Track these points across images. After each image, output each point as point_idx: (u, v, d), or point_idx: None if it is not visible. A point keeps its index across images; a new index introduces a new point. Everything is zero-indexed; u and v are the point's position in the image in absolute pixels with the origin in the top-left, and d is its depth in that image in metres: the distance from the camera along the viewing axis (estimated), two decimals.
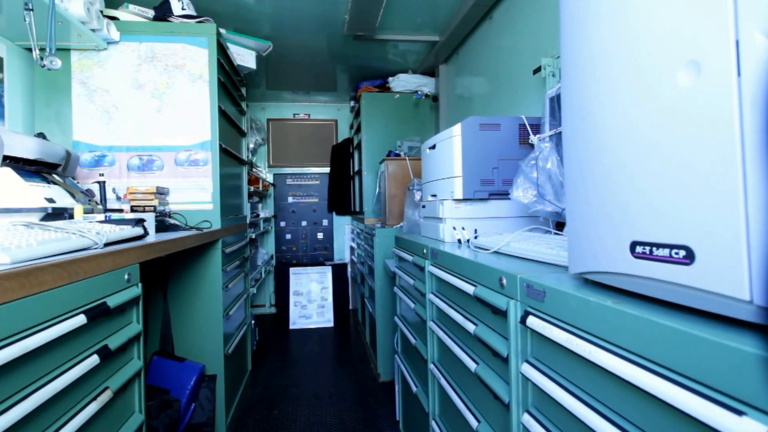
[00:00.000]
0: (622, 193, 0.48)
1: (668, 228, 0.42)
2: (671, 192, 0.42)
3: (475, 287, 0.89)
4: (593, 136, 0.53)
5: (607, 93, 0.51)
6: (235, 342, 1.99)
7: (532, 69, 1.67)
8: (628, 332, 0.46)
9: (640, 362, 0.43)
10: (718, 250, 0.37)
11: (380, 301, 2.37)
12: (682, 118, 0.40)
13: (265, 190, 3.48)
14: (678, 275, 0.41)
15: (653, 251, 0.44)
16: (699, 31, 0.39)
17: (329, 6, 2.10)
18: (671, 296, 0.44)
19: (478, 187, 1.29)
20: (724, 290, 0.37)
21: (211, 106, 1.70)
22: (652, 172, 0.44)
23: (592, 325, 0.52)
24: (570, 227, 0.61)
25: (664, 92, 0.42)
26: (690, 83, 0.39)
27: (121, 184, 1.62)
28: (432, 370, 1.24)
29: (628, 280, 0.49)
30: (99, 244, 0.85)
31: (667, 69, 0.42)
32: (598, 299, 0.51)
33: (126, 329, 0.91)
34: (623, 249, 0.48)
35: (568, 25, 0.59)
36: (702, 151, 0.38)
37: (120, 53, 1.64)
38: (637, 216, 0.46)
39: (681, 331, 0.39)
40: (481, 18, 2.17)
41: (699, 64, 0.39)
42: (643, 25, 0.45)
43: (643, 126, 0.45)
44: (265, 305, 3.94)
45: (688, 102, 0.39)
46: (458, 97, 2.62)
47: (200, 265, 1.73)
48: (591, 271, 0.56)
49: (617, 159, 0.49)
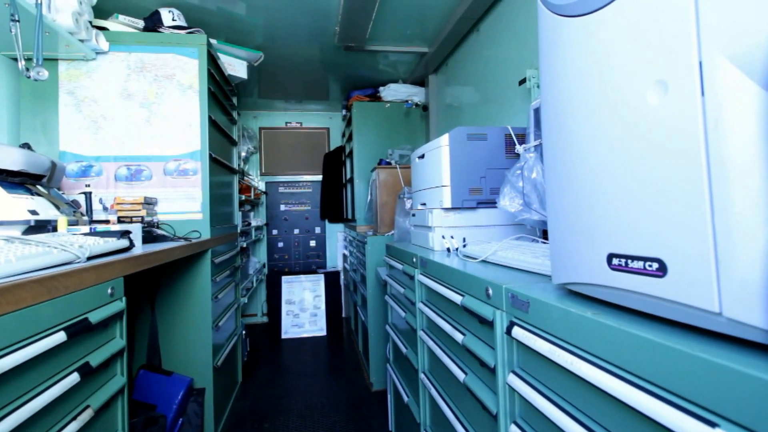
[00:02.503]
0: (598, 206, 0.49)
1: (642, 241, 0.43)
2: (644, 206, 0.43)
3: (462, 297, 0.90)
4: (570, 152, 0.54)
5: (581, 110, 0.52)
6: (224, 353, 1.96)
7: (518, 80, 1.69)
8: (607, 343, 0.46)
9: (619, 373, 0.44)
10: (689, 264, 0.38)
11: (372, 310, 2.36)
12: (651, 136, 0.41)
13: (257, 198, 3.47)
14: (652, 287, 0.42)
15: (629, 263, 0.44)
16: (666, 52, 0.40)
17: (320, 18, 2.12)
18: (647, 307, 0.45)
19: (466, 196, 1.30)
20: (695, 302, 0.37)
21: (201, 115, 1.70)
22: (625, 187, 0.45)
23: (573, 336, 0.53)
24: (552, 239, 0.62)
25: (634, 110, 0.43)
26: (658, 102, 0.41)
27: (109, 195, 1.61)
28: (422, 380, 1.24)
29: (606, 291, 0.50)
30: (82, 257, 0.84)
31: (636, 88, 0.43)
32: (578, 310, 0.52)
33: (109, 345, 0.90)
34: (601, 261, 0.49)
35: (545, 43, 0.61)
36: (670, 167, 0.39)
37: (109, 63, 1.64)
38: (612, 229, 0.47)
39: (655, 342, 0.40)
40: (468, 30, 2.20)
41: (666, 84, 0.40)
42: (614, 46, 0.47)
43: (615, 142, 0.46)
44: (256, 315, 3.90)
45: (657, 120, 0.41)
46: (448, 107, 2.65)
47: (189, 275, 1.71)
48: (572, 282, 0.57)
49: (592, 173, 0.50)
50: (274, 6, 2.00)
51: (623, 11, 0.45)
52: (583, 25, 0.52)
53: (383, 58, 2.72)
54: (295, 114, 4.03)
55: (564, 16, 0.56)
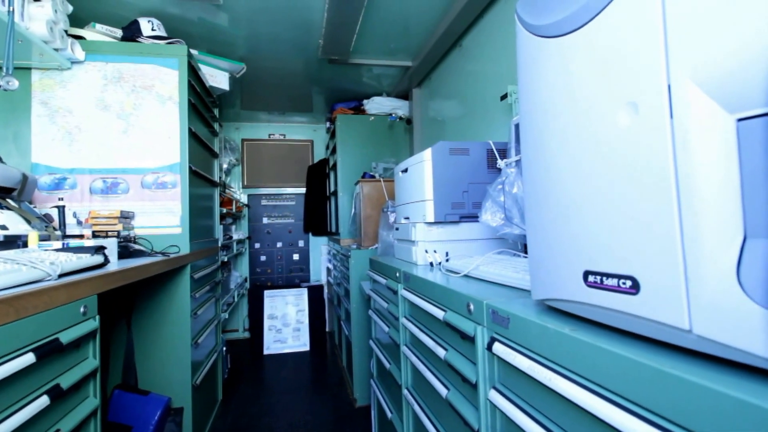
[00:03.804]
0: (574, 224, 0.50)
1: (616, 259, 0.44)
2: (617, 225, 0.44)
3: (445, 312, 0.90)
4: (546, 169, 0.55)
5: (556, 129, 0.54)
6: (204, 371, 1.90)
7: (499, 95, 1.74)
8: (583, 359, 0.47)
9: (595, 389, 0.45)
10: (660, 282, 0.39)
11: (356, 324, 2.34)
12: (623, 156, 0.43)
13: (238, 211, 3.41)
14: (626, 304, 0.43)
15: (604, 281, 0.46)
16: (637, 74, 0.42)
17: (304, 30, 2.14)
18: (622, 324, 0.46)
19: (448, 210, 1.32)
20: (667, 319, 0.39)
21: (181, 127, 1.68)
22: (599, 205, 0.46)
23: (551, 352, 0.53)
24: (531, 255, 0.63)
25: (606, 131, 0.45)
26: (629, 123, 0.42)
27: (83, 208, 1.56)
28: (406, 396, 1.22)
29: (583, 307, 0.51)
30: (53, 275, 0.81)
31: (608, 109, 0.45)
32: (556, 326, 0.53)
33: (81, 365, 0.86)
34: (577, 278, 0.50)
35: (523, 63, 0.63)
36: (641, 187, 0.41)
37: (85, 73, 1.60)
38: (588, 246, 0.48)
39: (628, 358, 0.41)
40: (451, 45, 2.26)
41: (637, 106, 0.42)
42: (588, 67, 0.49)
43: (588, 161, 0.48)
44: (238, 330, 3.80)
45: (628, 141, 0.42)
46: (431, 120, 2.69)
47: (167, 291, 1.66)
48: (551, 298, 0.58)
49: (567, 191, 0.51)
50: (257, 18, 2.00)
51: (596, 34, 0.47)
52: (559, 46, 0.54)
53: (367, 72, 2.75)
54: (279, 126, 4.01)
55: (541, 36, 0.58)
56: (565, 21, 0.51)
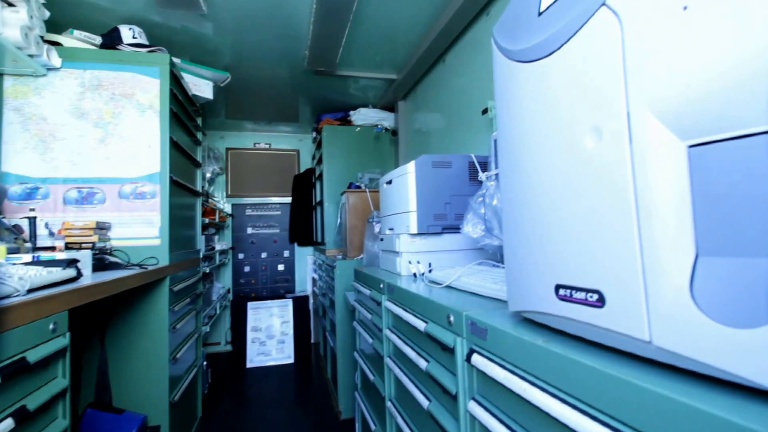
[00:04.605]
0: (546, 239, 0.52)
1: (584, 273, 0.46)
2: (584, 241, 0.46)
3: (426, 323, 0.90)
4: (520, 186, 0.57)
5: (529, 149, 0.56)
6: (183, 387, 1.85)
7: (481, 109, 1.78)
8: (556, 370, 0.48)
9: (568, 399, 0.46)
10: (623, 296, 0.41)
11: (341, 335, 2.32)
12: (588, 177, 0.45)
13: (222, 221, 3.37)
14: (593, 317, 0.45)
15: (573, 294, 0.47)
16: (601, 100, 0.45)
17: (290, 41, 2.15)
18: (591, 335, 0.47)
19: (431, 221, 1.33)
20: (630, 331, 0.40)
21: (162, 137, 1.65)
22: (568, 222, 0.48)
23: (527, 363, 0.54)
24: (507, 267, 0.64)
25: (573, 152, 0.47)
26: (594, 146, 0.45)
27: (56, 219, 1.51)
28: (389, 408, 1.22)
29: (555, 319, 0.52)
30: (21, 291, 0.78)
31: (576, 132, 0.47)
32: (531, 338, 0.54)
33: (49, 385, 0.83)
34: (549, 291, 0.51)
35: (499, 85, 0.65)
36: (604, 207, 0.43)
37: (61, 80, 1.57)
38: (559, 261, 0.50)
39: (596, 369, 0.42)
40: (435, 60, 2.31)
41: (601, 130, 0.44)
42: (557, 92, 0.51)
43: (558, 180, 0.49)
44: (220, 343, 3.71)
45: (593, 163, 0.44)
46: (416, 132, 2.73)
47: (144, 305, 1.62)
48: (526, 310, 0.59)
49: (540, 208, 0.53)
50: (242, 28, 2.01)
51: (564, 61, 0.50)
52: (531, 71, 0.56)
53: (353, 83, 2.78)
54: (264, 135, 4.00)
55: (515, 61, 0.60)
56: (537, 47, 0.54)
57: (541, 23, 0.53)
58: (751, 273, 0.33)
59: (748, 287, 0.33)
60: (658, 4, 0.38)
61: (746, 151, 0.34)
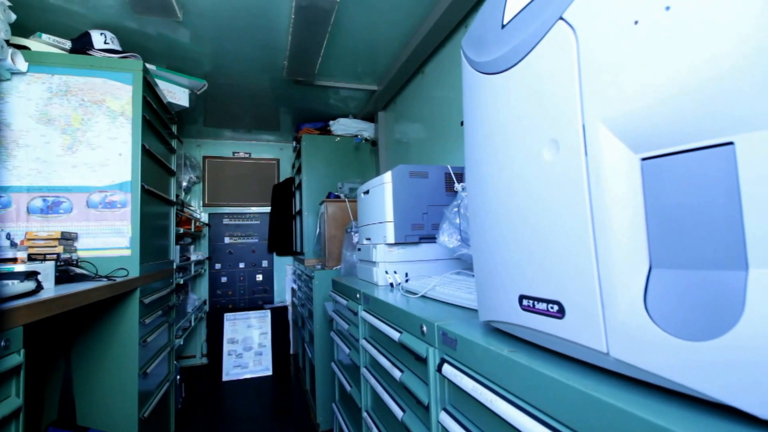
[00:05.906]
0: (509, 250, 0.53)
1: (545, 285, 0.47)
2: (544, 252, 0.47)
3: (401, 333, 0.90)
4: (485, 197, 0.58)
5: (491, 161, 0.57)
6: (154, 402, 1.77)
7: (459, 120, 1.82)
8: (521, 380, 0.49)
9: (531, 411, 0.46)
10: (581, 307, 0.42)
11: (319, 346, 2.28)
12: (547, 189, 0.46)
13: (198, 230, 3.28)
14: (555, 327, 0.45)
15: (535, 305, 0.48)
16: (558, 114, 0.46)
17: (269, 50, 2.15)
18: (553, 346, 0.48)
19: (408, 231, 1.34)
20: (588, 343, 0.41)
21: (134, 144, 1.61)
22: (528, 234, 0.49)
23: (494, 373, 0.55)
24: (476, 278, 0.65)
25: (533, 164, 0.48)
26: (551, 159, 0.46)
27: (19, 229, 1.44)
28: (365, 419, 1.20)
29: (520, 329, 0.53)
30: None
31: (535, 144, 0.48)
32: (497, 348, 0.54)
33: (1, 405, 0.78)
34: (514, 301, 0.52)
35: (467, 95, 0.67)
36: (562, 219, 0.44)
37: (27, 85, 1.51)
38: (521, 272, 0.51)
39: (558, 380, 0.42)
40: (414, 71, 2.34)
41: (558, 143, 0.46)
42: (518, 104, 0.52)
43: (519, 192, 0.51)
44: (195, 356, 3.59)
45: (551, 175, 0.46)
46: (396, 142, 2.75)
47: (112, 318, 1.55)
48: (494, 320, 0.60)
49: (502, 219, 0.54)
50: (220, 36, 1.99)
51: (525, 74, 0.51)
52: (496, 83, 0.57)
53: (334, 93, 2.78)
54: (244, 144, 3.95)
55: (481, 72, 0.62)
56: (500, 60, 0.55)
57: (504, 36, 0.55)
58: (702, 285, 0.33)
59: (699, 299, 0.33)
60: (612, 18, 0.40)
61: (697, 164, 0.34)
